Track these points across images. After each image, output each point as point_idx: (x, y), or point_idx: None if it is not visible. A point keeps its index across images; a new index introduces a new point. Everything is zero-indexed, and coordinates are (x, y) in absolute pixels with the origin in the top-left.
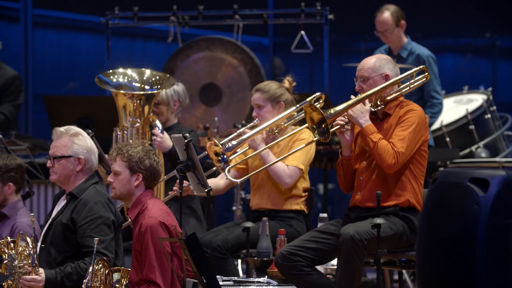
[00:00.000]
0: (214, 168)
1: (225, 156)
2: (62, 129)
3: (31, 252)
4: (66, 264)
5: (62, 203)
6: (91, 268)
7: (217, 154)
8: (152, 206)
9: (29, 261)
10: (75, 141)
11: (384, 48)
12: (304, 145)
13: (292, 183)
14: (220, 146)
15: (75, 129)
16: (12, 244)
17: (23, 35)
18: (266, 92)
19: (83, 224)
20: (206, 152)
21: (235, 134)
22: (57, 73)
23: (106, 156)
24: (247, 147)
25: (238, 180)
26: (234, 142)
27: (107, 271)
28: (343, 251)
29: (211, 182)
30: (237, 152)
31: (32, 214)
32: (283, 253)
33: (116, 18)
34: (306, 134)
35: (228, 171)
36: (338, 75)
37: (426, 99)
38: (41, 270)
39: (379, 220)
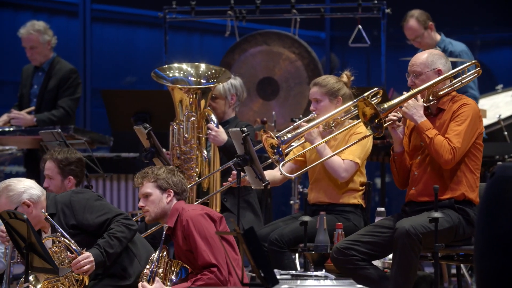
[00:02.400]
0: (270, 161)
1: (280, 149)
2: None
3: (67, 242)
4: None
5: None
6: (157, 253)
7: (272, 146)
8: (187, 206)
9: (68, 253)
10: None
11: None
12: (358, 139)
13: (347, 177)
14: (276, 139)
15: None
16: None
17: (82, 30)
18: (324, 86)
19: (82, 215)
20: (262, 145)
21: (291, 127)
22: (115, 67)
23: (164, 150)
24: (304, 140)
25: (293, 175)
26: (290, 135)
27: (168, 259)
28: (399, 246)
29: (268, 174)
30: (292, 145)
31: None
32: (338, 247)
33: (173, 13)
34: (363, 128)
35: (283, 165)
36: (395, 69)
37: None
38: (85, 251)
39: (436, 214)
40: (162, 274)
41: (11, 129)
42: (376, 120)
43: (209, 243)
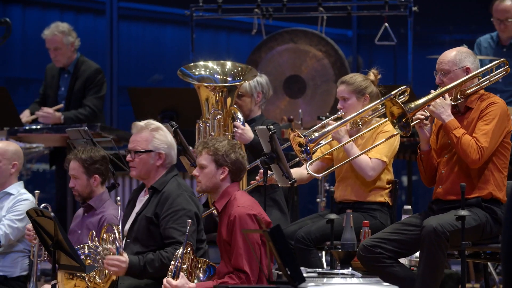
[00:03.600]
0: (297, 159)
1: (308, 148)
2: (142, 123)
3: (117, 237)
4: (148, 252)
5: (143, 198)
6: (181, 250)
7: (300, 145)
8: (240, 197)
9: (114, 246)
10: (156, 135)
11: (490, 37)
12: (386, 138)
13: (375, 176)
14: (303, 137)
15: (155, 123)
16: (97, 238)
17: (109, 28)
18: (351, 84)
19: (165, 216)
20: (289, 143)
21: (318, 125)
22: (142, 65)
23: (191, 148)
24: (332, 139)
25: (320, 175)
26: (317, 134)
27: (192, 256)
28: (426, 244)
29: (295, 172)
30: (320, 143)
31: (118, 198)
32: (365, 245)
33: (200, 11)
34: (390, 126)
35: (310, 164)
36: (422, 67)
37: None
38: (125, 254)
39: (463, 212)
40: (187, 271)
41: (38, 126)
42: (403, 119)
43: (248, 249)
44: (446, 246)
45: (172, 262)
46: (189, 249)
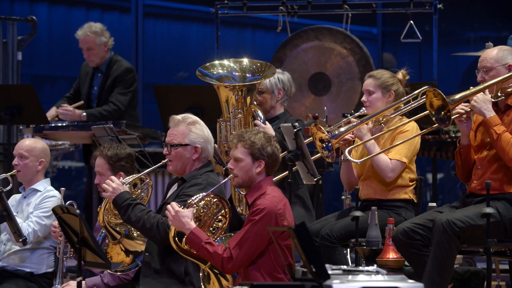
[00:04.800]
0: (318, 155)
1: (330, 144)
2: (179, 117)
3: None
4: (156, 214)
5: (174, 188)
6: (202, 195)
7: (322, 140)
8: (272, 192)
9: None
10: (193, 129)
11: None
12: (407, 139)
13: (394, 177)
14: (326, 133)
15: (192, 117)
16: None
17: (134, 26)
18: (378, 78)
19: (175, 199)
20: (311, 138)
21: (341, 122)
22: (167, 63)
23: (215, 145)
24: (354, 136)
25: (358, 161)
26: (340, 130)
27: (220, 216)
28: (435, 240)
29: (343, 177)
30: (342, 139)
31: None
32: (405, 229)
33: (225, 8)
34: (410, 126)
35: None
36: (447, 65)
37: None
38: (124, 186)
39: (488, 210)
40: (202, 220)
41: (64, 124)
42: (442, 112)
43: (249, 238)
44: (457, 244)
45: (193, 198)
46: (220, 206)
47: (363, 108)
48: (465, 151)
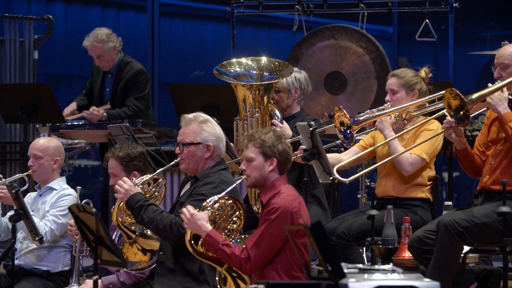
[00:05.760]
0: (330, 145)
1: (350, 130)
2: (191, 116)
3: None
4: (168, 214)
5: (188, 187)
6: (217, 197)
7: (342, 124)
8: (286, 191)
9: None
10: (204, 128)
11: None
12: (430, 136)
13: (412, 172)
14: (349, 118)
15: (204, 116)
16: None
17: (150, 25)
18: (402, 78)
19: (187, 198)
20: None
21: (366, 111)
22: (183, 61)
23: (232, 144)
24: (374, 128)
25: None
26: (363, 117)
27: (235, 218)
28: (438, 241)
29: (334, 157)
30: (363, 128)
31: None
32: (420, 237)
33: (241, 7)
34: (435, 126)
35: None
36: (463, 64)
37: None
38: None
39: (504, 208)
40: (216, 222)
41: (80, 122)
42: (461, 112)
43: (265, 238)
44: (460, 245)
45: (208, 200)
46: (234, 207)
47: (388, 103)
48: (462, 155)
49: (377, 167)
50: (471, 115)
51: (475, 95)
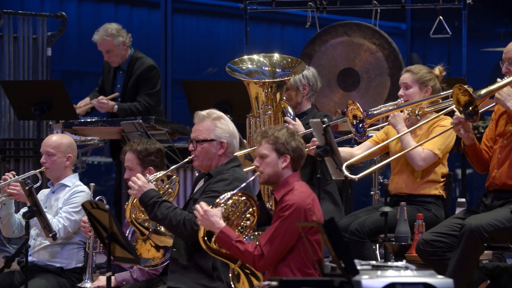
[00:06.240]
0: (341, 139)
1: (362, 124)
2: (204, 112)
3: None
4: (182, 211)
5: (201, 184)
6: (230, 194)
7: (355, 117)
8: (299, 188)
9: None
10: (218, 124)
11: None
12: (442, 131)
13: (424, 167)
14: (362, 111)
15: (217, 112)
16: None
17: (163, 21)
18: (415, 73)
19: (201, 195)
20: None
21: (380, 106)
22: (196, 58)
23: (245, 141)
24: (387, 123)
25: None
26: (376, 111)
27: (248, 214)
28: (462, 243)
29: (347, 151)
30: (375, 124)
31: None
32: (426, 239)
33: (254, 4)
34: (448, 122)
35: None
36: (477, 60)
37: None
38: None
39: None
40: (232, 217)
41: (93, 119)
42: (470, 108)
43: (279, 235)
44: (482, 249)
45: (221, 197)
46: (247, 204)
47: (401, 99)
48: (470, 150)
49: (391, 164)
50: (480, 111)
51: (483, 91)
